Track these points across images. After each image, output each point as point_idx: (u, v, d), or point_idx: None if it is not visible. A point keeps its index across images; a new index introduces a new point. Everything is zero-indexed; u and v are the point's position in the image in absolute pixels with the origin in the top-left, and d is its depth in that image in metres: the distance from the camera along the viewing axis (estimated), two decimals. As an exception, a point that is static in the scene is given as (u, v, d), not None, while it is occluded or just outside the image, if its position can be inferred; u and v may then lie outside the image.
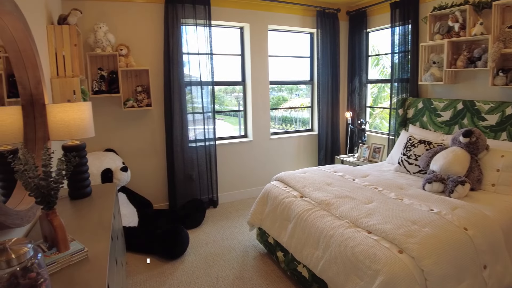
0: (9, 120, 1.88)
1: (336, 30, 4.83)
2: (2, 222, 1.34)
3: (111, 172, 3.40)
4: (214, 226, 3.74)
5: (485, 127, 3.14)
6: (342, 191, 2.68)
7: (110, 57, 3.64)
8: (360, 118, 4.95)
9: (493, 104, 3.09)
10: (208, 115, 4.17)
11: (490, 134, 3.10)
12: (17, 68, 1.96)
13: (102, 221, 1.89)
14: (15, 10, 1.72)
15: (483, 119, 3.16)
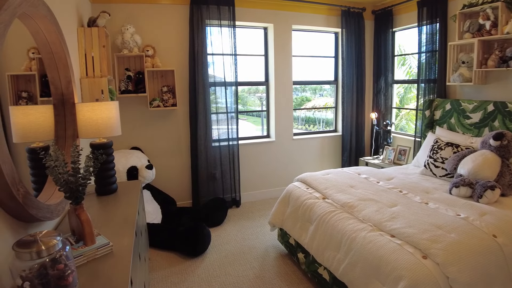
0: (41, 119, 1.95)
1: (361, 30, 4.75)
2: (34, 215, 1.41)
3: (137, 170, 3.48)
4: (235, 225, 3.77)
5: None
6: (366, 193, 2.63)
7: (136, 58, 3.75)
8: (385, 119, 4.86)
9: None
10: (231, 115, 4.20)
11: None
12: (50, 69, 2.05)
13: (127, 217, 1.95)
14: (48, 14, 1.80)
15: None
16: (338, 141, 5.02)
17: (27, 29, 1.78)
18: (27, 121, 1.86)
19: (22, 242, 1.18)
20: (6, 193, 1.23)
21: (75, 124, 2.16)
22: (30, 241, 1.18)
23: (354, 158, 4.99)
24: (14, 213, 1.34)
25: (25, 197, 1.33)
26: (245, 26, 4.42)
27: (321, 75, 5.10)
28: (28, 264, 1.15)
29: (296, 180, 3.21)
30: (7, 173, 1.20)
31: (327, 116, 5.46)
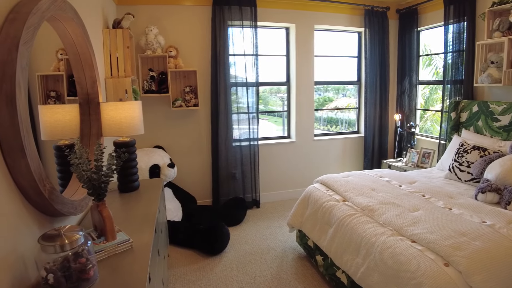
0: (68, 117, 2.02)
1: (385, 29, 4.67)
2: (59, 210, 1.46)
3: (159, 168, 3.55)
4: (254, 225, 3.78)
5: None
6: (387, 197, 2.58)
7: (160, 59, 3.82)
8: (409, 121, 4.75)
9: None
10: (252, 115, 4.22)
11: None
12: (76, 69, 2.12)
13: (148, 215, 1.99)
14: (75, 17, 1.86)
15: (549, 125, 2.91)
16: (361, 143, 4.95)
17: (55, 31, 1.85)
18: (54, 119, 1.93)
19: (47, 236, 1.23)
20: (33, 188, 1.28)
21: (100, 122, 2.22)
22: (55, 235, 1.23)
23: (377, 161, 4.90)
24: (40, 207, 1.40)
25: (51, 193, 1.38)
26: (267, 27, 4.42)
27: (343, 75, 5.04)
28: (52, 257, 1.19)
29: (316, 182, 3.18)
30: (35, 170, 1.26)
31: (349, 117, 5.38)
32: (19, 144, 1.19)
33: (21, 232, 1.29)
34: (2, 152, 1.19)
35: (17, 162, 1.21)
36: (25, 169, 1.23)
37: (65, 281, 1.21)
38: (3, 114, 1.16)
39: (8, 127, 1.17)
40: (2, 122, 1.16)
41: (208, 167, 4.25)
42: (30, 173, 1.24)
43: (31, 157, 1.24)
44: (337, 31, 4.79)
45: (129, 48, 3.05)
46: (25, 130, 1.22)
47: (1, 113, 1.16)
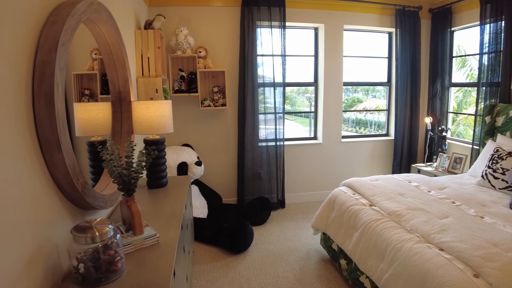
0: (101, 115, 2.10)
1: (416, 29, 4.53)
2: (90, 203, 1.53)
3: (186, 166, 3.63)
4: (278, 226, 3.78)
5: None
6: (415, 202, 2.51)
7: (189, 59, 3.90)
8: (441, 124, 4.59)
9: None
10: (279, 115, 4.22)
11: None
12: (109, 69, 2.20)
13: (175, 211, 2.04)
14: (109, 19, 1.94)
15: None
16: (390, 146, 4.83)
17: (90, 32, 1.94)
18: (88, 116, 2.01)
19: (79, 228, 1.29)
20: (68, 182, 1.35)
21: (131, 120, 2.30)
22: (86, 227, 1.29)
23: (406, 165, 4.77)
24: (73, 200, 1.47)
25: (83, 187, 1.45)
26: (296, 27, 4.41)
27: (373, 76, 4.94)
28: (83, 247, 1.25)
29: (342, 185, 3.14)
30: (69, 164, 1.32)
31: (379, 118, 5.27)
32: (56, 139, 1.25)
33: (55, 223, 1.36)
34: (41, 147, 1.26)
35: (53, 157, 1.28)
36: (60, 164, 1.30)
37: (95, 271, 1.27)
38: (42, 112, 1.23)
39: (46, 123, 1.24)
40: (41, 119, 1.23)
41: (234, 166, 4.30)
42: (65, 167, 1.31)
43: (67, 152, 1.31)
44: (367, 31, 4.71)
45: (160, 49, 3.13)
46: (62, 126, 1.28)
47: (40, 111, 1.23)
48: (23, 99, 1.17)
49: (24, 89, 1.18)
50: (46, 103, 1.23)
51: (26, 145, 1.18)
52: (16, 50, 1.14)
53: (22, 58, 1.17)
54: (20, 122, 1.15)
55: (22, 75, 1.17)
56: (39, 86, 1.23)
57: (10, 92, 1.10)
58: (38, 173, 1.24)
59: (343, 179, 3.38)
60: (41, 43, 1.28)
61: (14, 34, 1.13)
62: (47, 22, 1.34)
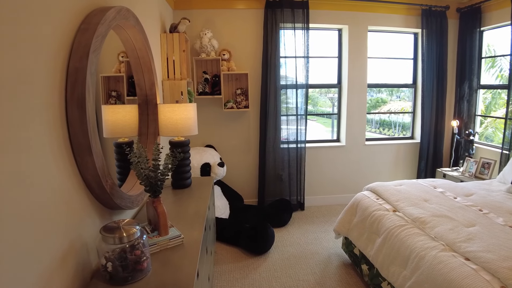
0: (128, 116, 2.17)
1: (443, 30, 4.40)
2: (118, 204, 1.58)
3: (210, 166, 3.68)
4: (299, 228, 3.77)
5: None
6: (441, 209, 2.44)
7: (213, 62, 3.95)
8: (468, 127, 4.45)
9: None
10: (301, 117, 4.21)
11: None
12: (136, 72, 2.27)
13: (198, 212, 2.08)
14: (137, 24, 2.00)
15: None
16: (415, 149, 4.72)
17: (118, 37, 2.00)
18: (115, 118, 2.08)
19: (107, 228, 1.34)
20: (97, 183, 1.41)
21: (157, 122, 2.36)
22: (114, 227, 1.33)
23: (431, 169, 4.65)
24: (102, 200, 1.52)
25: (111, 188, 1.50)
26: (319, 28, 4.38)
27: (398, 78, 4.84)
28: (111, 247, 1.30)
29: (366, 189, 3.09)
30: (99, 167, 1.37)
31: (404, 119, 5.17)
32: (86, 142, 1.31)
33: (85, 222, 1.42)
34: (72, 150, 1.32)
35: (84, 159, 1.33)
36: (91, 166, 1.35)
37: (122, 270, 1.31)
38: (74, 116, 1.29)
39: (78, 127, 1.29)
40: (73, 123, 1.29)
41: (255, 167, 4.32)
42: (95, 169, 1.36)
43: (97, 154, 1.36)
44: (391, 32, 4.62)
45: (185, 52, 3.19)
46: (92, 130, 1.34)
47: (73, 115, 1.28)
48: (57, 104, 1.23)
49: (58, 94, 1.24)
50: (78, 108, 1.28)
51: (59, 148, 1.23)
52: (52, 57, 1.20)
53: (56, 65, 1.23)
54: (54, 126, 1.20)
55: (56, 81, 1.23)
56: (72, 91, 1.28)
57: (46, 98, 1.16)
58: (70, 175, 1.30)
59: (366, 182, 3.34)
60: (73, 50, 1.33)
61: (50, 42, 1.19)
62: (79, 29, 1.39)
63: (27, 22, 1.06)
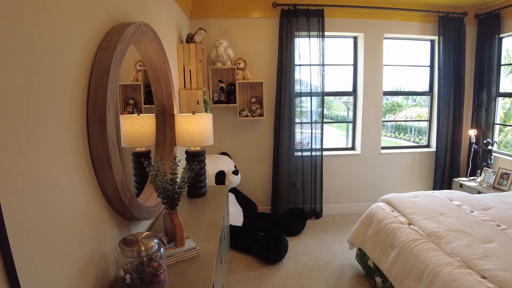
0: (145, 127, 2.22)
1: (461, 37, 4.33)
2: (136, 216, 1.62)
3: (224, 174, 3.71)
4: (313, 237, 3.76)
5: None
6: (457, 224, 2.40)
7: (229, 70, 3.99)
8: (486, 137, 4.36)
9: None
10: (316, 125, 4.21)
11: None
12: (154, 83, 2.32)
13: (213, 223, 2.11)
14: (155, 38, 2.05)
15: None
16: (431, 158, 4.66)
17: (136, 50, 2.05)
18: (133, 129, 2.13)
19: (126, 241, 1.37)
20: (116, 196, 1.45)
21: (173, 132, 2.41)
22: (133, 240, 1.37)
23: (447, 178, 4.56)
24: (120, 212, 1.57)
25: (130, 201, 1.54)
26: (334, 36, 4.38)
27: (414, 84, 4.79)
28: (130, 260, 1.34)
29: (381, 201, 3.06)
30: (118, 181, 1.42)
31: (419, 124, 5.12)
32: (107, 158, 1.35)
33: (104, 234, 1.46)
34: (93, 165, 1.37)
35: (104, 174, 1.38)
36: (110, 180, 1.39)
37: (140, 282, 1.35)
38: (95, 132, 1.33)
39: (99, 143, 1.34)
40: (94, 139, 1.34)
41: (269, 175, 4.34)
42: (114, 184, 1.40)
43: (116, 169, 1.41)
44: (407, 39, 4.58)
45: (201, 62, 3.23)
46: (113, 146, 1.38)
47: (94, 131, 1.33)
48: (79, 121, 1.28)
49: (80, 111, 1.28)
50: (99, 125, 1.33)
51: (81, 163, 1.28)
52: (74, 76, 1.24)
53: (79, 82, 1.28)
54: (76, 142, 1.25)
55: (78, 99, 1.28)
56: (93, 109, 1.33)
57: (68, 115, 1.20)
58: (91, 189, 1.35)
59: (382, 191, 3.31)
60: (94, 67, 1.38)
61: (73, 60, 1.24)
62: (100, 47, 1.44)
63: (52, 41, 1.11)
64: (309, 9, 3.92)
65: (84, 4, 1.33)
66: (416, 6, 4.20)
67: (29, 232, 0.97)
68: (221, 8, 3.94)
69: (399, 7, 4.15)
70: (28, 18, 0.99)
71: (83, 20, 1.32)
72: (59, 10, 1.15)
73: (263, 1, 3.95)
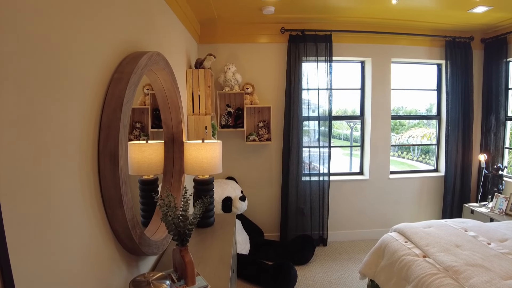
0: (154, 155, 2.18)
1: (468, 61, 4.33)
2: (145, 252, 1.56)
3: (231, 200, 3.64)
4: (322, 266, 3.65)
5: None
6: (475, 257, 2.31)
7: (237, 95, 3.99)
8: (496, 161, 4.29)
9: None
10: (324, 149, 4.16)
11: None
12: (163, 110, 2.29)
13: (223, 257, 2.02)
14: (166, 66, 2.03)
15: None
16: (440, 183, 4.57)
17: (147, 78, 2.03)
18: (141, 156, 2.09)
19: (136, 283, 1.31)
20: (126, 234, 1.39)
21: (182, 160, 2.36)
22: (144, 283, 1.30)
23: (458, 204, 4.46)
24: (129, 249, 1.50)
25: (140, 237, 1.48)
26: (342, 61, 4.39)
27: (420, 105, 4.79)
28: (140, 303, 1.27)
29: (393, 230, 2.97)
30: (129, 218, 1.36)
31: (422, 142, 5.09)
32: (118, 195, 1.30)
33: (113, 272, 1.40)
34: (103, 202, 1.31)
35: (115, 211, 1.32)
36: (121, 218, 1.34)
37: (149, 328, 1.27)
38: (107, 169, 1.28)
39: (110, 180, 1.29)
40: (105, 176, 1.29)
41: (277, 200, 4.26)
42: (125, 221, 1.35)
43: (127, 206, 1.35)
44: (415, 63, 4.58)
45: (210, 87, 3.22)
46: (124, 182, 1.33)
47: (105, 168, 1.28)
48: (90, 156, 1.23)
49: (91, 147, 1.24)
50: (110, 161, 1.28)
51: (91, 200, 1.23)
52: (85, 110, 1.20)
53: (90, 117, 1.24)
54: (86, 179, 1.20)
55: (90, 134, 1.23)
56: (105, 144, 1.29)
57: (79, 151, 1.16)
58: (100, 227, 1.29)
59: (390, 217, 3.22)
60: (107, 101, 1.34)
61: (85, 93, 1.20)
62: (113, 79, 1.41)
63: (65, 72, 1.08)
64: (317, 34, 3.94)
65: (97, 33, 1.30)
66: (423, 31, 4.22)
67: (34, 274, 0.91)
68: (229, 33, 3.97)
69: (406, 31, 4.16)
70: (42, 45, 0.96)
71: (97, 51, 1.29)
72: (72, 41, 1.12)
73: (272, 26, 3.97)
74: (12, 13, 0.84)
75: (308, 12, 3.63)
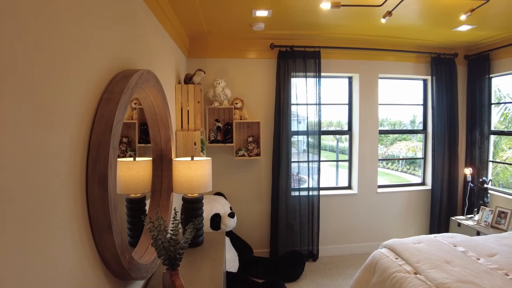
0: (142, 173, 2.13)
1: (453, 77, 4.45)
2: (134, 277, 1.50)
3: (219, 217, 3.58)
4: (312, 283, 3.61)
5: None
6: (465, 274, 2.31)
7: (226, 110, 3.97)
8: (481, 174, 4.36)
9: None
10: (313, 164, 4.15)
11: None
12: (152, 128, 2.25)
13: (214, 278, 1.96)
14: (156, 84, 2.00)
15: None
16: (427, 196, 4.62)
17: (137, 95, 1.99)
18: (129, 174, 2.04)
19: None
20: (116, 260, 1.34)
21: (171, 178, 2.31)
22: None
23: (445, 217, 4.51)
24: (119, 275, 1.45)
25: (129, 263, 1.43)
26: (330, 76, 4.43)
27: (405, 117, 4.91)
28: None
29: (383, 247, 2.97)
30: (118, 244, 1.31)
31: (407, 154, 5.16)
32: (107, 221, 1.25)
33: (100, 302, 1.33)
34: (91, 228, 1.26)
35: (103, 238, 1.27)
36: (110, 244, 1.29)
37: None
38: (95, 194, 1.23)
39: (98, 206, 1.24)
40: (94, 201, 1.24)
41: (266, 216, 4.22)
42: (114, 248, 1.30)
43: (117, 232, 1.30)
44: (401, 79, 4.67)
45: (199, 103, 3.19)
46: (113, 208, 1.28)
47: (93, 193, 1.23)
48: (78, 180, 1.18)
49: (79, 170, 1.19)
50: (99, 185, 1.24)
51: (78, 226, 1.17)
52: (73, 131, 1.15)
53: (78, 138, 1.18)
54: (74, 203, 1.15)
55: (78, 157, 1.18)
56: (93, 167, 1.24)
57: (66, 174, 1.11)
58: (87, 254, 1.23)
59: (379, 231, 3.21)
60: (96, 122, 1.30)
61: (73, 114, 1.15)
62: (102, 99, 1.36)
63: (52, 91, 1.03)
64: (306, 50, 3.98)
65: (86, 50, 1.26)
66: (409, 48, 4.31)
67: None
68: (219, 48, 3.97)
69: (393, 48, 4.24)
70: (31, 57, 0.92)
71: (86, 67, 1.25)
72: (59, 59, 1.07)
73: (261, 42, 3.99)
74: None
75: (297, 28, 3.66)
